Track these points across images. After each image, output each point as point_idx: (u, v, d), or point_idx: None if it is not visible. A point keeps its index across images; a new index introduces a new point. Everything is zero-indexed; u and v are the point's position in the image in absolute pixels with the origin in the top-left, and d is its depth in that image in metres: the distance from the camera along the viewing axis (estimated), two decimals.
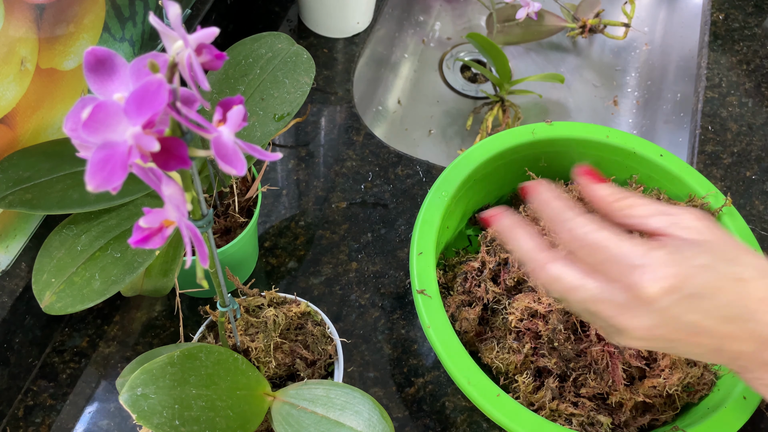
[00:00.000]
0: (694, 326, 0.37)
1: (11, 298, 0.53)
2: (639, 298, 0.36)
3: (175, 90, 0.27)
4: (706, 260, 0.37)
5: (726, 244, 0.38)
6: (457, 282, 0.59)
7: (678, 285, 0.36)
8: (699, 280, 0.36)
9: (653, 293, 0.36)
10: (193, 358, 0.42)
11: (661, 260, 0.36)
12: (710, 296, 0.36)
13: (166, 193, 0.28)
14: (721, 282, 0.36)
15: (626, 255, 0.37)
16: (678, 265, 0.36)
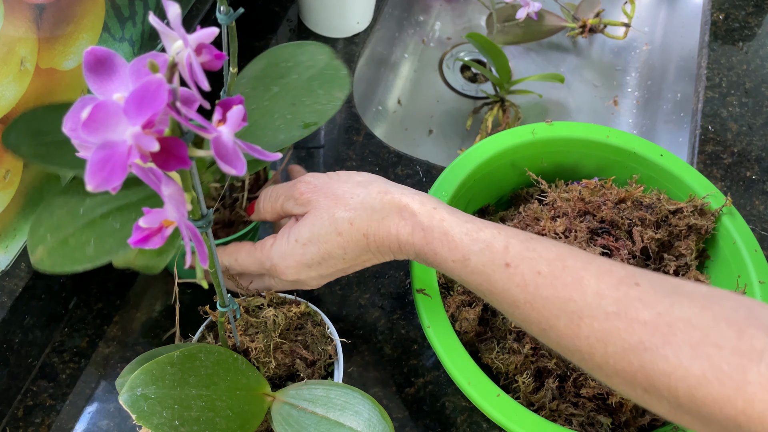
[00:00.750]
0: (340, 270, 0.50)
1: (11, 298, 0.53)
2: (290, 282, 0.51)
3: (175, 90, 0.27)
4: (307, 234, 0.48)
5: (326, 206, 0.48)
6: (457, 282, 0.59)
7: (298, 267, 0.49)
8: (309, 255, 0.48)
9: (289, 278, 0.50)
10: (193, 358, 0.42)
11: (279, 255, 0.49)
12: (326, 257, 0.48)
13: (165, 193, 0.28)
14: (326, 245, 0.48)
15: (260, 262, 0.51)
16: (288, 253, 0.49)
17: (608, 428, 0.52)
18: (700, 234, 0.58)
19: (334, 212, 0.47)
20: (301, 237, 0.48)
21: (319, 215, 0.48)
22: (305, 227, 0.48)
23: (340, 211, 0.47)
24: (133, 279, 0.64)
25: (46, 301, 0.57)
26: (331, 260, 0.48)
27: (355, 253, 0.48)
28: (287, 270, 0.49)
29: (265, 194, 0.53)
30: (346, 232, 0.47)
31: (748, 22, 0.91)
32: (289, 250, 0.48)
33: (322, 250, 0.48)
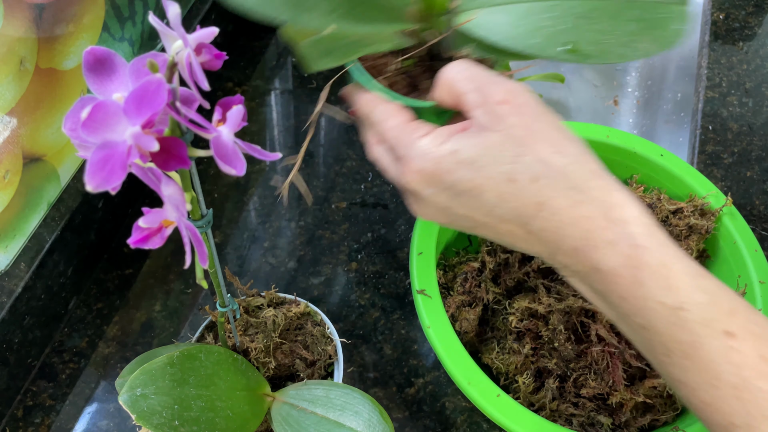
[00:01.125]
0: (471, 219, 0.37)
1: (10, 298, 0.53)
2: (406, 189, 0.38)
3: (175, 90, 0.27)
4: (471, 154, 0.35)
5: (515, 137, 0.35)
6: (457, 282, 0.59)
7: (431, 179, 0.36)
8: (456, 177, 0.35)
9: (408, 185, 0.37)
10: (193, 358, 0.42)
11: (420, 152, 0.36)
12: (472, 194, 0.35)
13: (165, 193, 0.28)
14: (486, 181, 0.35)
15: (397, 145, 0.38)
16: (434, 158, 0.36)
17: (608, 428, 0.52)
18: (700, 234, 0.58)
19: (523, 152, 0.35)
20: (462, 152, 0.35)
21: (502, 143, 0.35)
22: (474, 144, 0.35)
23: (531, 156, 0.35)
24: (132, 279, 0.64)
25: (45, 301, 0.57)
26: (473, 202, 0.36)
27: (509, 217, 0.35)
28: (415, 174, 0.37)
29: (457, 72, 0.38)
30: (521, 186, 0.34)
31: (748, 21, 0.91)
32: (436, 156, 0.36)
33: (475, 182, 0.35)
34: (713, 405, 0.32)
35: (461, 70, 0.38)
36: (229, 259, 0.66)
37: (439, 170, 0.36)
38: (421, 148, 0.36)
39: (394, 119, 0.39)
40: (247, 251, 0.66)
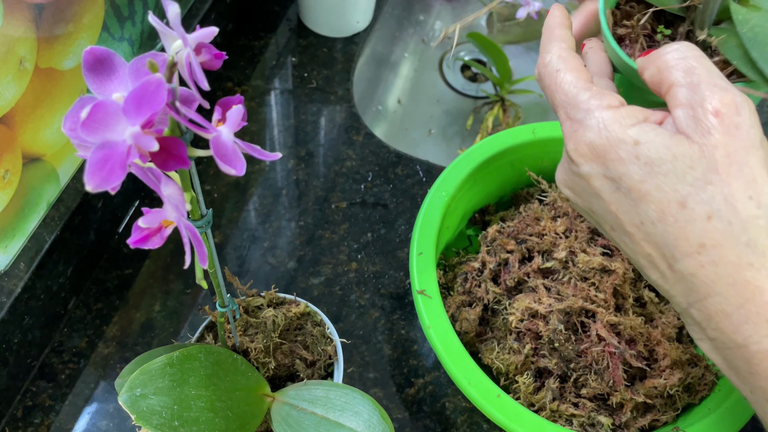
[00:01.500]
0: (614, 221, 0.33)
1: (10, 298, 0.53)
2: (566, 152, 0.34)
3: (174, 89, 0.27)
4: (652, 155, 0.30)
5: (713, 160, 0.30)
6: (457, 282, 0.59)
7: (598, 158, 0.32)
8: (625, 170, 0.31)
9: (570, 152, 0.33)
10: (192, 358, 0.42)
11: (600, 124, 0.32)
12: (632, 196, 0.31)
13: (165, 193, 0.28)
14: (655, 191, 0.30)
15: (572, 104, 0.33)
16: (611, 138, 0.31)
17: (609, 429, 0.52)
18: None
19: (711, 180, 0.29)
20: (646, 146, 0.30)
21: (694, 159, 0.30)
22: (663, 144, 0.30)
23: (719, 190, 0.29)
24: (132, 279, 0.64)
25: (45, 301, 0.57)
26: (628, 205, 0.31)
27: (658, 241, 0.31)
28: (583, 145, 0.32)
29: (677, 57, 0.32)
30: (690, 217, 0.30)
31: None
32: (615, 137, 0.31)
33: (643, 186, 0.30)
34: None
35: (682, 57, 0.32)
36: (229, 259, 0.66)
37: (611, 153, 0.31)
38: (602, 121, 0.31)
39: (570, 73, 0.34)
40: (247, 251, 0.66)
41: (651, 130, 0.31)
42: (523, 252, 0.57)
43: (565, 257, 0.54)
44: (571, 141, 0.33)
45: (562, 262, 0.54)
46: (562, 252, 0.54)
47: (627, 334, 0.51)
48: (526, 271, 0.56)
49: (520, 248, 0.57)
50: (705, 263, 0.30)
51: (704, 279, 0.30)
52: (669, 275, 0.31)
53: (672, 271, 0.31)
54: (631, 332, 0.52)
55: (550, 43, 0.36)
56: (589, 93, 0.33)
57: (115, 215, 0.66)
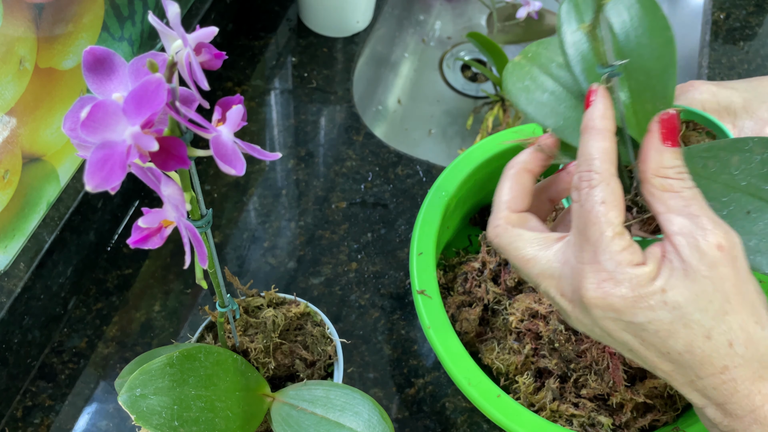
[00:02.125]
0: (631, 349, 0.35)
1: (9, 298, 0.53)
2: (579, 293, 0.34)
3: (174, 89, 0.27)
4: (679, 299, 0.33)
5: (724, 291, 0.33)
6: (457, 282, 0.59)
7: (624, 310, 0.33)
8: (653, 316, 0.33)
9: (592, 303, 0.34)
10: (192, 358, 0.42)
11: (626, 279, 0.33)
12: (658, 335, 0.33)
13: (165, 193, 0.28)
14: (682, 329, 0.33)
15: (602, 247, 0.33)
16: (637, 291, 0.33)
17: (609, 429, 0.52)
18: None
19: (728, 311, 0.33)
20: (672, 294, 0.33)
21: (711, 294, 0.33)
22: (686, 287, 0.33)
23: (735, 319, 0.33)
24: (132, 279, 0.64)
25: (45, 301, 0.57)
26: (652, 339, 0.34)
27: (684, 364, 0.34)
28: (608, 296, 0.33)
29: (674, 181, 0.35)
30: (715, 346, 0.33)
31: (749, 21, 0.91)
32: (645, 292, 0.33)
33: (671, 327, 0.33)
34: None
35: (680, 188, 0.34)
36: (229, 259, 0.66)
37: (641, 304, 0.33)
38: (635, 278, 0.33)
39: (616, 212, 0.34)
40: (247, 251, 0.66)
41: (671, 276, 0.33)
42: None
43: None
44: (596, 290, 0.34)
45: None
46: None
47: None
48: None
49: None
50: (726, 380, 0.33)
51: (723, 392, 0.34)
52: (687, 387, 0.35)
53: (691, 384, 0.35)
54: None
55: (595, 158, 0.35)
56: (622, 243, 0.34)
57: (115, 215, 0.66)
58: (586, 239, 0.34)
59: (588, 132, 0.36)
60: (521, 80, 0.47)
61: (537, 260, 0.37)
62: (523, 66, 0.48)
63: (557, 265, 0.36)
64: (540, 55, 0.48)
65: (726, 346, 0.33)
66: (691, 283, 0.33)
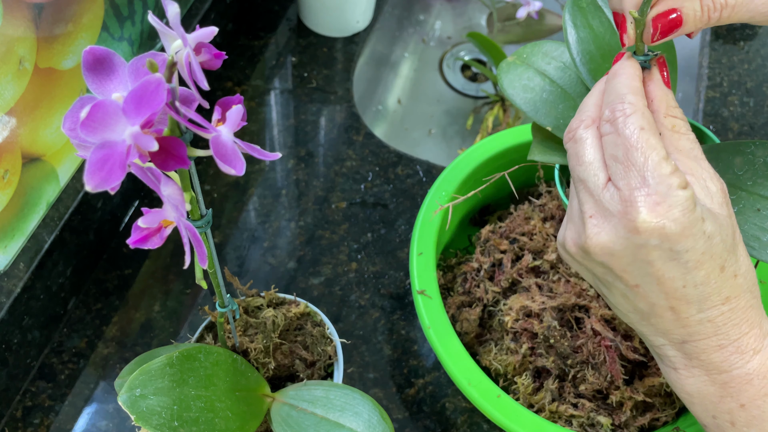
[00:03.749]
0: (647, 280, 0.35)
1: (9, 298, 0.53)
2: (628, 218, 0.33)
3: (174, 89, 0.27)
4: (712, 229, 0.33)
5: (731, 227, 0.35)
6: (457, 282, 0.59)
7: (673, 235, 0.33)
8: (692, 243, 0.33)
9: (643, 227, 0.33)
10: (192, 358, 0.42)
11: (679, 203, 0.32)
12: (688, 266, 0.33)
13: (164, 193, 0.28)
14: (709, 260, 0.34)
15: (652, 171, 0.33)
16: (688, 217, 0.33)
17: (608, 429, 0.52)
18: None
19: (737, 245, 0.35)
20: (708, 223, 0.33)
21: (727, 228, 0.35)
22: (716, 218, 0.34)
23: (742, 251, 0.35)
24: (132, 279, 0.64)
25: (44, 301, 0.57)
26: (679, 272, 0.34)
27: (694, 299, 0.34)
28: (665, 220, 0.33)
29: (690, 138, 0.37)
30: (726, 277, 0.34)
31: None
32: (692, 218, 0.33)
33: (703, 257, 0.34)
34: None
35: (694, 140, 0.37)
36: (229, 259, 0.66)
37: (686, 232, 0.33)
38: (686, 200, 0.33)
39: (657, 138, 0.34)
40: (247, 251, 0.66)
41: (706, 207, 0.34)
42: (516, 252, 0.57)
43: (555, 259, 0.54)
44: (650, 214, 0.33)
45: (551, 263, 0.54)
46: (552, 254, 0.54)
47: (622, 329, 0.51)
48: (518, 271, 0.56)
49: (513, 248, 0.57)
50: (725, 311, 0.35)
51: (717, 322, 0.35)
52: (684, 322, 0.35)
53: (689, 318, 0.35)
54: (626, 327, 0.52)
55: (627, 93, 0.35)
56: (670, 167, 0.34)
57: (115, 215, 0.66)
58: (632, 164, 0.33)
59: (617, 76, 0.37)
60: (518, 80, 0.48)
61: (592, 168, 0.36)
62: (518, 66, 0.48)
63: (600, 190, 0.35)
64: (534, 57, 0.49)
65: (732, 278, 0.34)
66: (715, 217, 0.34)
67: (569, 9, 0.45)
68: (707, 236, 0.33)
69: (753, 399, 0.35)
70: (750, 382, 0.35)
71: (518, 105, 0.47)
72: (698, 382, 0.36)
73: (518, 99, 0.47)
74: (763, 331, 0.35)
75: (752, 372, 0.35)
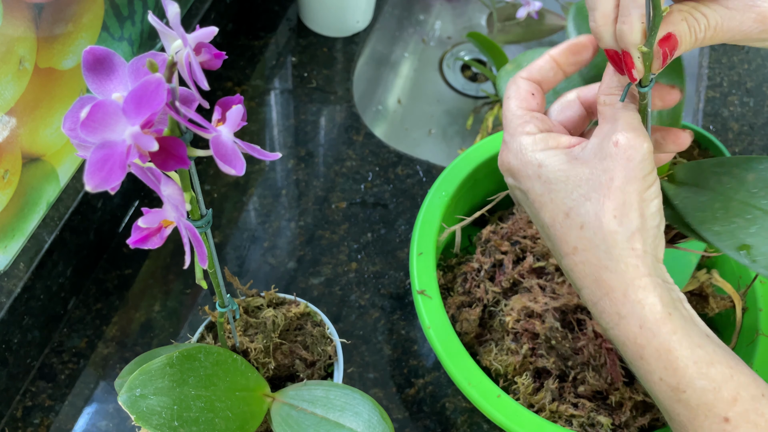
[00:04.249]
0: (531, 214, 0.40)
1: (9, 298, 0.53)
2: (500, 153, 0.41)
3: (174, 89, 0.27)
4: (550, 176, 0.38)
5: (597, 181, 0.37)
6: (457, 283, 0.59)
7: (513, 174, 0.40)
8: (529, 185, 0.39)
9: (499, 162, 0.41)
10: (192, 358, 0.42)
11: (516, 148, 0.39)
12: (533, 205, 0.39)
13: (164, 193, 0.28)
14: (549, 203, 0.38)
15: (506, 126, 0.41)
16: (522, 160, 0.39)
17: (608, 429, 0.52)
18: None
19: (590, 197, 0.37)
20: (546, 169, 0.38)
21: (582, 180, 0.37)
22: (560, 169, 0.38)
23: (593, 206, 0.37)
24: (132, 279, 0.64)
25: (44, 301, 0.57)
26: (532, 209, 0.40)
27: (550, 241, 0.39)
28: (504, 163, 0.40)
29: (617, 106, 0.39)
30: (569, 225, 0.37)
31: None
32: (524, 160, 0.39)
33: (541, 199, 0.38)
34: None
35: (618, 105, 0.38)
36: (229, 259, 0.66)
37: (520, 172, 0.39)
38: (519, 145, 0.39)
39: (515, 101, 0.41)
40: (247, 251, 0.66)
41: (553, 155, 0.38)
42: (517, 253, 0.57)
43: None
44: (501, 156, 0.41)
45: (556, 265, 0.54)
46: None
47: None
48: (519, 272, 0.56)
49: (514, 249, 0.57)
50: (578, 262, 0.37)
51: (579, 274, 0.38)
52: (562, 265, 0.39)
53: (561, 265, 0.39)
54: None
55: (523, 71, 0.42)
56: (519, 120, 0.40)
57: (115, 215, 0.66)
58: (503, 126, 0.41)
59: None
60: None
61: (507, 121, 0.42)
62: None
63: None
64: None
65: (578, 228, 0.37)
66: (569, 167, 0.37)
67: (573, 17, 0.45)
68: (543, 180, 0.38)
69: (632, 360, 0.37)
70: (624, 345, 0.37)
71: None
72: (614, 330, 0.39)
73: None
74: (628, 298, 0.36)
75: (622, 336, 0.36)
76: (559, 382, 0.53)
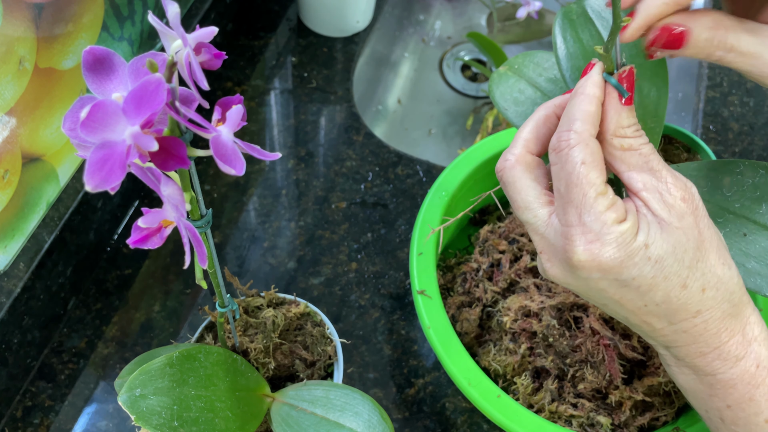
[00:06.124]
0: (615, 303, 0.36)
1: (9, 298, 0.53)
2: (567, 255, 0.35)
3: (174, 89, 0.27)
4: (660, 252, 0.34)
5: (695, 240, 0.34)
6: (457, 283, 0.59)
7: (612, 269, 0.34)
8: (637, 272, 0.34)
9: (579, 265, 0.34)
10: (192, 358, 0.42)
11: (613, 239, 0.33)
12: (641, 290, 0.34)
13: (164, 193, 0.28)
14: (663, 281, 0.34)
15: (586, 208, 0.34)
16: (624, 250, 0.33)
17: (608, 429, 0.52)
18: None
19: (699, 258, 0.34)
20: (653, 248, 0.34)
21: (684, 244, 0.34)
22: (664, 240, 0.34)
23: (705, 265, 0.34)
24: (132, 279, 0.64)
25: (44, 301, 0.57)
26: (634, 294, 0.35)
27: (662, 314, 0.35)
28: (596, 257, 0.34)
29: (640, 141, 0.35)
30: (691, 294, 0.34)
31: None
32: (630, 250, 0.34)
33: (653, 281, 0.34)
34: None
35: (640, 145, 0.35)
36: (229, 259, 0.66)
37: (627, 262, 0.34)
38: (621, 236, 0.34)
39: (598, 172, 0.34)
40: (247, 251, 0.66)
41: (650, 230, 0.34)
42: (514, 252, 0.57)
43: None
44: (584, 253, 0.34)
45: None
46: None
47: (621, 328, 0.51)
48: (516, 271, 0.56)
49: (512, 248, 0.57)
50: (698, 323, 0.35)
51: (693, 333, 0.36)
52: (661, 329, 0.36)
53: (667, 327, 0.36)
54: (624, 326, 0.52)
55: (577, 119, 0.35)
56: (606, 202, 0.34)
57: (115, 215, 0.66)
58: (570, 201, 0.34)
59: (576, 96, 0.35)
60: (510, 92, 0.48)
61: (530, 210, 0.37)
62: (509, 77, 0.48)
63: (544, 228, 0.36)
64: (526, 68, 0.49)
65: (699, 293, 0.34)
66: (668, 236, 0.34)
67: (559, 22, 0.45)
68: (654, 261, 0.34)
69: (738, 402, 0.36)
70: (734, 387, 0.36)
71: (510, 119, 0.47)
72: (689, 379, 0.38)
73: (510, 113, 0.47)
74: (746, 338, 0.35)
75: (735, 377, 0.35)
76: (558, 382, 0.53)
